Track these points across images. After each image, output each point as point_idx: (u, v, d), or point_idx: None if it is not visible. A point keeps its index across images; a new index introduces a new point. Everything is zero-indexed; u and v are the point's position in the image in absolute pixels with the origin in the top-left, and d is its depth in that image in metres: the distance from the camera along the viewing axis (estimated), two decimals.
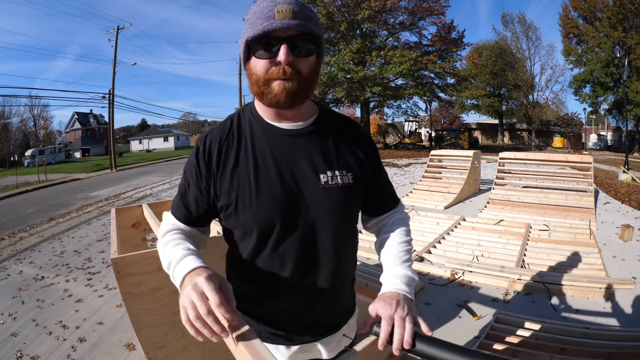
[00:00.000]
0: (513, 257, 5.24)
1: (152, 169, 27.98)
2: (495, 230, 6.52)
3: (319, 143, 1.23)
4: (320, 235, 1.20)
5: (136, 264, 1.91)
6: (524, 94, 40.49)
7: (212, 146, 1.20)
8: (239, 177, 1.17)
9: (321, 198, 1.18)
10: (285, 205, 1.16)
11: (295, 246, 1.19)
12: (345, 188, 1.21)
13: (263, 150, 1.19)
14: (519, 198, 8.35)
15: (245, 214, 1.17)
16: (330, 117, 1.30)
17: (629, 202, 9.05)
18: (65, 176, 25.13)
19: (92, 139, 61.14)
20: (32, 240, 7.93)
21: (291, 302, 1.26)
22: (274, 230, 1.17)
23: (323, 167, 1.20)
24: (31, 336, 3.83)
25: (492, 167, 11.90)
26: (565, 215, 7.23)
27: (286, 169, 1.17)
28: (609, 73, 33.66)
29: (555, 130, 41.46)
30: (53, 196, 15.85)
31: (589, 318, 3.75)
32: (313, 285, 1.24)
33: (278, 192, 1.15)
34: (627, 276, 4.55)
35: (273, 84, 1.08)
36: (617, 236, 6.17)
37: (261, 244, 1.20)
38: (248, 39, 1.07)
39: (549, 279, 4.40)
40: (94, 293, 4.82)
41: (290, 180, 1.17)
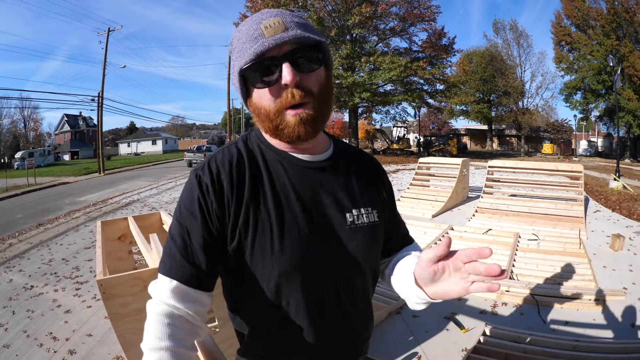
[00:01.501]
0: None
1: (139, 173, 27.93)
2: (483, 239, 6.53)
3: (341, 178, 1.08)
4: (351, 279, 1.05)
5: (121, 286, 1.91)
6: (513, 101, 40.85)
7: (220, 172, 0.98)
8: (256, 219, 0.96)
9: (349, 239, 1.03)
10: (314, 250, 0.98)
11: (325, 294, 1.02)
12: (372, 227, 1.08)
13: (283, 183, 1.01)
14: (507, 207, 8.37)
15: (265, 260, 0.96)
16: (345, 149, 1.17)
17: (620, 210, 9.08)
18: (54, 179, 25.05)
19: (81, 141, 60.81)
20: (21, 247, 7.86)
21: (319, 355, 1.07)
22: (300, 278, 0.98)
23: (348, 205, 1.05)
24: (23, 348, 3.80)
25: (481, 173, 11.96)
26: (555, 225, 7.25)
27: (312, 207, 1.00)
28: (601, 80, 33.94)
29: (545, 136, 41.74)
30: (42, 200, 15.79)
31: (579, 330, 3.75)
32: (344, 331, 1.07)
33: (305, 235, 0.98)
34: (617, 286, 4.57)
35: (287, 115, 0.93)
36: (608, 245, 6.18)
37: (285, 295, 0.99)
38: (241, 69, 0.92)
39: (538, 290, 4.40)
40: (83, 304, 4.79)
41: (318, 222, 1.00)
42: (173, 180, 20.34)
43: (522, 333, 3.35)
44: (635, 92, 31.18)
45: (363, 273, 1.08)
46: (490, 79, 41.14)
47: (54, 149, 54.14)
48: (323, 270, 1.01)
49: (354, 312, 1.08)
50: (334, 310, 1.04)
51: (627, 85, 31.34)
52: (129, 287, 1.91)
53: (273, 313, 1.01)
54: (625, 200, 10.33)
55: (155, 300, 0.96)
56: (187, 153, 31.96)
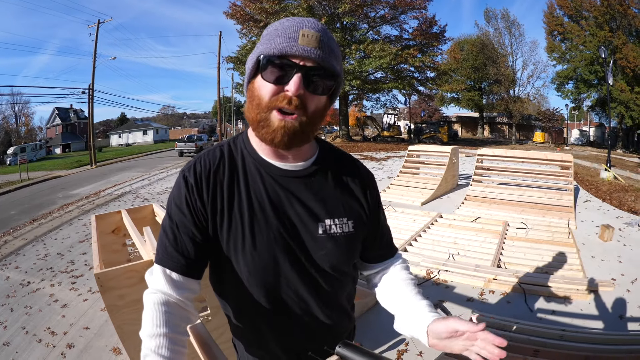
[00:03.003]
0: (489, 255, 5.28)
1: (131, 164, 27.78)
2: (472, 227, 6.58)
3: (319, 187, 1.12)
4: (319, 283, 1.13)
5: (118, 278, 1.97)
6: (504, 89, 40.75)
7: (201, 175, 1.07)
8: (230, 219, 1.06)
9: (319, 247, 1.09)
10: (282, 255, 1.06)
11: (285, 293, 1.10)
12: (345, 237, 1.12)
13: (258, 191, 1.08)
14: (496, 195, 8.39)
15: (237, 257, 1.06)
16: (331, 156, 1.20)
17: (610, 201, 9.05)
18: (46, 174, 24.88)
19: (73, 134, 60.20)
20: (17, 244, 7.86)
21: (279, 343, 1.19)
22: (269, 279, 1.08)
23: (322, 214, 1.10)
24: (22, 345, 3.84)
25: (471, 161, 11.97)
26: (544, 214, 7.29)
27: (283, 215, 1.07)
28: (593, 71, 33.72)
29: (537, 124, 41.70)
30: (35, 195, 15.73)
31: (566, 319, 3.78)
32: (297, 331, 1.17)
33: (274, 241, 1.06)
34: (606, 277, 4.58)
35: (272, 115, 0.97)
36: (597, 236, 6.19)
37: (254, 290, 1.09)
38: (261, 54, 0.96)
39: (526, 279, 4.46)
40: (79, 297, 4.84)
41: (288, 228, 1.07)
42: (164, 171, 20.31)
43: (509, 321, 3.39)
44: (628, 83, 31.03)
45: (333, 278, 1.15)
46: (482, 67, 40.97)
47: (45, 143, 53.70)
48: (288, 274, 1.09)
49: (323, 310, 1.16)
50: (299, 308, 1.13)
51: (620, 76, 31.22)
52: (125, 279, 1.97)
53: (246, 303, 1.12)
54: (616, 191, 10.29)
55: (151, 289, 1.05)
56: (178, 143, 31.97)
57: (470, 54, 41.18)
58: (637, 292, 4.27)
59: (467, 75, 41.78)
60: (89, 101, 28.45)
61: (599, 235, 6.14)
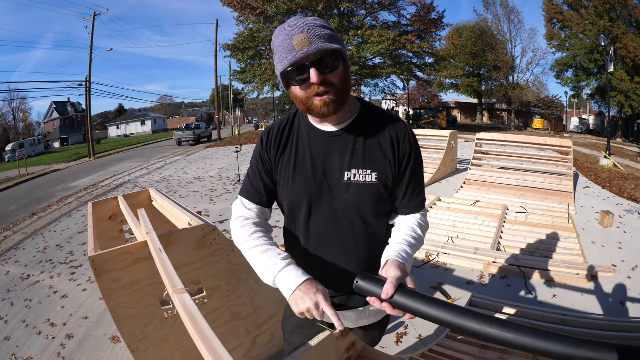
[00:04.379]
0: (488, 238, 5.26)
1: (129, 154, 27.72)
2: (470, 211, 6.55)
3: (351, 143, 1.38)
4: (340, 222, 1.40)
5: (112, 260, 1.94)
6: (503, 75, 40.44)
7: (270, 136, 1.46)
8: (283, 163, 1.43)
9: (343, 191, 1.37)
10: (313, 193, 1.38)
11: (319, 227, 1.41)
12: (366, 186, 1.36)
13: (303, 147, 1.41)
14: (495, 179, 8.34)
15: (283, 194, 1.44)
16: (369, 116, 1.43)
17: (610, 188, 8.91)
18: (44, 168, 24.81)
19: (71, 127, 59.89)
20: (16, 238, 7.81)
21: (316, 271, 1.36)
22: (302, 211, 1.40)
23: (349, 165, 1.36)
24: (22, 338, 3.83)
25: (470, 146, 11.90)
26: (543, 198, 7.25)
27: (319, 164, 1.38)
28: (593, 59, 33.35)
29: (535, 111, 41.40)
30: (34, 190, 15.69)
31: (567, 304, 3.75)
32: (331, 264, 1.44)
33: (308, 181, 1.38)
34: (606, 263, 4.53)
35: (314, 100, 1.26)
36: (597, 222, 6.12)
37: (293, 220, 1.46)
38: (280, 73, 1.26)
39: (525, 262, 4.44)
40: (78, 287, 4.82)
41: (320, 173, 1.38)
42: (162, 160, 20.22)
43: (509, 304, 3.38)
44: (628, 73, 30.76)
45: (357, 219, 1.40)
46: (480, 53, 40.62)
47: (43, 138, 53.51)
48: (318, 211, 1.40)
49: (341, 254, 1.43)
50: (324, 246, 1.43)
51: (620, 66, 30.90)
52: (119, 261, 1.95)
53: (291, 228, 1.50)
54: (616, 179, 10.18)
55: (233, 217, 1.49)
56: (176, 132, 31.91)
57: (469, 40, 40.85)
58: (638, 279, 4.22)
59: (466, 62, 41.45)
60: (86, 93, 28.34)
61: (599, 221, 6.08)
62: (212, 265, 2.14)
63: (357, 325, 1.59)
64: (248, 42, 27.77)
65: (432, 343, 2.85)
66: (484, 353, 2.60)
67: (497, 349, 2.63)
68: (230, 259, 2.19)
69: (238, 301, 2.29)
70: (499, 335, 0.93)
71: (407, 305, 1.09)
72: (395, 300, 1.10)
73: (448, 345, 2.76)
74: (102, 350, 3.44)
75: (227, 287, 2.22)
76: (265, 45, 27.59)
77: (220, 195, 9.77)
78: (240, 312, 2.30)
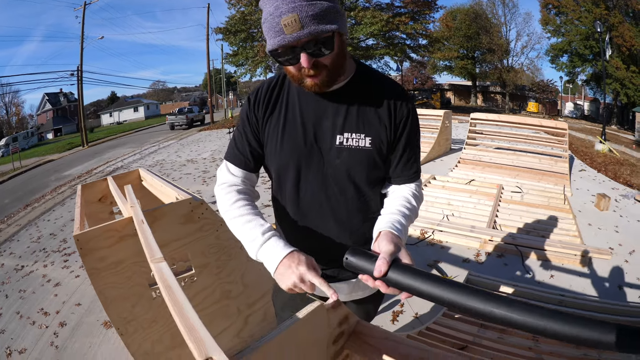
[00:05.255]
0: (484, 217, 5.25)
1: (123, 141, 27.58)
2: (466, 190, 6.51)
3: (345, 105, 1.29)
4: (332, 189, 1.32)
5: (97, 239, 1.87)
6: (498, 58, 40.31)
7: (258, 95, 1.36)
8: (271, 125, 1.33)
9: (334, 156, 1.28)
10: (303, 157, 1.30)
11: (308, 194, 1.33)
12: (359, 151, 1.28)
13: (294, 108, 1.32)
14: (490, 159, 8.31)
15: (270, 159, 1.35)
16: (366, 78, 1.33)
17: (605, 172, 8.89)
18: (38, 159, 24.70)
19: (64, 117, 59.20)
20: (11, 231, 7.79)
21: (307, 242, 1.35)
22: (290, 176, 1.33)
23: (342, 128, 1.28)
24: (17, 330, 3.81)
25: (464, 127, 11.86)
26: (539, 179, 7.22)
27: (309, 126, 1.29)
28: (588, 46, 33.12)
29: (530, 95, 41.28)
30: (28, 182, 15.63)
31: (564, 285, 3.74)
32: (322, 234, 1.37)
33: (298, 145, 1.29)
34: (603, 246, 4.51)
35: (306, 80, 1.18)
36: (593, 204, 6.12)
37: (281, 187, 1.38)
38: (268, 51, 1.16)
39: (522, 241, 4.41)
40: (71, 274, 4.79)
41: (310, 137, 1.29)
42: (156, 144, 20.07)
43: (507, 283, 3.36)
44: (624, 61, 30.66)
45: (349, 186, 1.33)
46: (475, 36, 40.30)
47: (37, 130, 53.13)
48: (308, 175, 1.32)
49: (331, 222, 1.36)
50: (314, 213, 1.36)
51: (616, 54, 30.76)
52: (104, 239, 1.88)
53: (279, 196, 1.42)
54: (611, 164, 10.17)
55: (218, 183, 1.41)
56: (169, 116, 31.56)
57: (463, 23, 40.48)
58: (635, 263, 4.20)
59: (460, 44, 41.19)
60: (78, 82, 28.19)
61: (595, 204, 6.07)
62: (201, 241, 2.06)
63: (351, 299, 1.53)
64: (240, 25, 27.57)
65: (429, 321, 2.83)
66: (483, 332, 2.58)
67: (496, 329, 2.62)
68: (220, 234, 2.11)
69: (228, 279, 2.21)
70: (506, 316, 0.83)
71: (402, 283, 0.99)
72: (390, 278, 1.00)
73: (446, 324, 2.73)
74: (95, 337, 3.43)
75: (217, 264, 2.14)
76: (258, 27, 27.42)
77: (214, 176, 9.67)
78: (231, 290, 2.23)
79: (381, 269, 0.99)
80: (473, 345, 2.37)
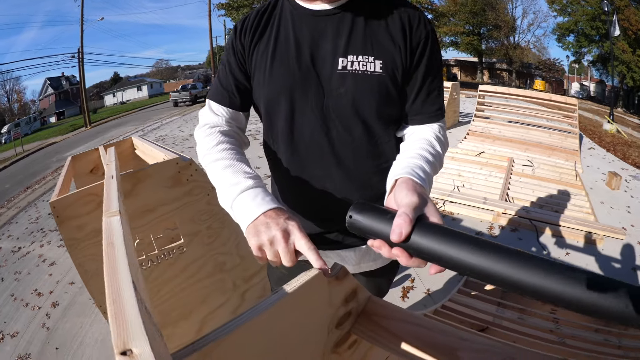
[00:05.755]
0: (496, 189, 5.10)
1: (126, 119, 27.59)
2: (476, 161, 6.32)
3: (348, 25, 1.04)
4: (335, 127, 1.06)
5: (75, 205, 1.68)
6: (504, 35, 40.09)
7: (245, 23, 1.14)
8: (259, 52, 1.10)
9: (336, 84, 1.02)
10: (297, 86, 1.04)
11: (305, 133, 1.08)
12: (367, 77, 1.01)
13: (286, 29, 1.08)
14: (499, 132, 8.06)
15: (259, 91, 1.11)
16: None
17: (614, 152, 8.71)
18: (41, 143, 24.69)
19: (66, 100, 59.15)
20: (10, 214, 7.83)
21: (304, 198, 1.14)
22: (282, 111, 1.08)
23: (345, 50, 1.02)
24: (10, 313, 3.77)
25: (472, 102, 11.68)
26: (549, 154, 7.02)
27: (305, 51, 1.05)
28: (595, 27, 33.00)
29: (537, 73, 41.12)
30: (29, 165, 15.63)
31: (580, 263, 3.61)
32: (322, 186, 1.12)
33: (291, 71, 1.04)
34: (616, 225, 4.36)
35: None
36: (604, 182, 5.98)
37: (272, 126, 1.13)
38: None
39: (536, 215, 4.26)
40: (66, 253, 4.65)
41: (306, 61, 1.04)
42: (159, 121, 19.97)
43: None
44: (630, 45, 30.59)
45: (356, 122, 1.06)
46: (481, 12, 40.13)
47: (39, 115, 53.17)
48: (304, 108, 1.06)
49: (334, 171, 1.11)
50: (312, 160, 1.10)
51: (622, 37, 30.75)
52: (83, 204, 1.68)
53: (270, 140, 1.18)
54: (620, 144, 9.99)
55: (199, 125, 1.17)
56: (172, 93, 31.46)
57: None
58: None
59: (466, 20, 40.97)
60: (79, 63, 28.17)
61: (606, 182, 5.92)
62: (190, 206, 1.83)
63: (359, 271, 1.26)
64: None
65: (444, 299, 2.65)
66: (502, 312, 2.44)
67: (515, 308, 2.48)
68: (211, 199, 1.87)
69: (222, 249, 1.97)
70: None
71: (433, 251, 0.65)
72: (414, 244, 0.67)
73: (462, 302, 2.57)
74: (87, 316, 3.39)
75: (209, 232, 1.91)
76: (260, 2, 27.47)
77: None
78: (226, 262, 2.00)
79: (402, 229, 0.67)
80: (493, 326, 2.22)
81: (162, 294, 1.88)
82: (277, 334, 0.67)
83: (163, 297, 1.89)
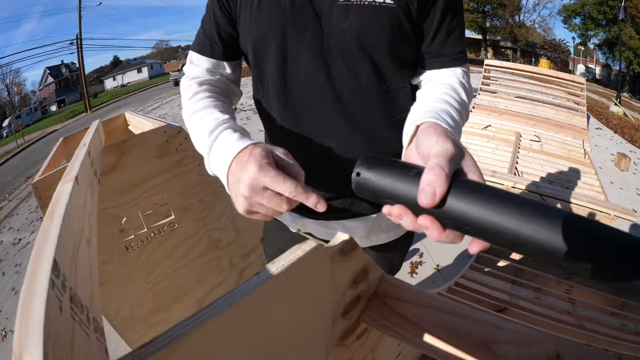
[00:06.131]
0: (505, 163, 5.02)
1: (127, 101, 27.88)
2: (482, 134, 6.20)
3: None
4: (337, 69, 0.86)
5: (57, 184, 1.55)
6: (509, 13, 39.87)
7: None
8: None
9: (338, 19, 0.82)
10: (290, 21, 0.84)
11: (301, 79, 0.88)
12: (376, 9, 0.80)
13: None
14: (506, 106, 7.85)
15: (246, 33, 0.92)
16: None
17: (622, 134, 8.74)
18: (42, 132, 24.90)
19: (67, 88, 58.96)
20: (11, 206, 7.90)
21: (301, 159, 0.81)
22: (272, 51, 0.87)
23: None
24: (12, 308, 3.73)
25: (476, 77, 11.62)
26: (557, 131, 6.89)
27: None
28: (602, 11, 32.98)
29: (542, 52, 40.86)
30: (30, 156, 15.72)
31: None
32: (323, 138, 0.92)
33: (282, 8, 0.84)
34: (626, 206, 4.21)
35: None
36: (613, 163, 5.99)
37: (262, 74, 0.94)
38: None
39: (546, 191, 4.09)
40: None
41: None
42: (159, 101, 19.98)
43: None
44: (637, 31, 30.51)
45: (365, 64, 0.85)
46: None
47: (40, 105, 53.08)
48: (299, 48, 0.86)
49: (339, 124, 0.91)
50: (310, 113, 0.91)
51: (629, 23, 30.75)
52: None
53: (259, 89, 0.99)
54: (627, 127, 10.04)
55: (184, 77, 1.01)
56: (172, 73, 31.94)
57: None
58: None
59: None
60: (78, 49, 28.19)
61: (615, 163, 5.94)
62: (180, 178, 1.69)
63: (369, 245, 1.08)
64: None
65: (456, 276, 2.52)
66: (517, 290, 2.34)
67: (531, 287, 2.38)
68: (202, 169, 1.68)
69: (216, 224, 1.83)
70: None
71: (481, 220, 0.44)
72: (453, 210, 0.47)
73: (475, 279, 2.46)
74: None
75: (201, 206, 1.77)
76: None
77: None
78: (221, 238, 1.86)
79: (435, 188, 0.46)
80: (511, 306, 2.12)
81: (153, 276, 1.75)
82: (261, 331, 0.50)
83: (155, 279, 1.76)
